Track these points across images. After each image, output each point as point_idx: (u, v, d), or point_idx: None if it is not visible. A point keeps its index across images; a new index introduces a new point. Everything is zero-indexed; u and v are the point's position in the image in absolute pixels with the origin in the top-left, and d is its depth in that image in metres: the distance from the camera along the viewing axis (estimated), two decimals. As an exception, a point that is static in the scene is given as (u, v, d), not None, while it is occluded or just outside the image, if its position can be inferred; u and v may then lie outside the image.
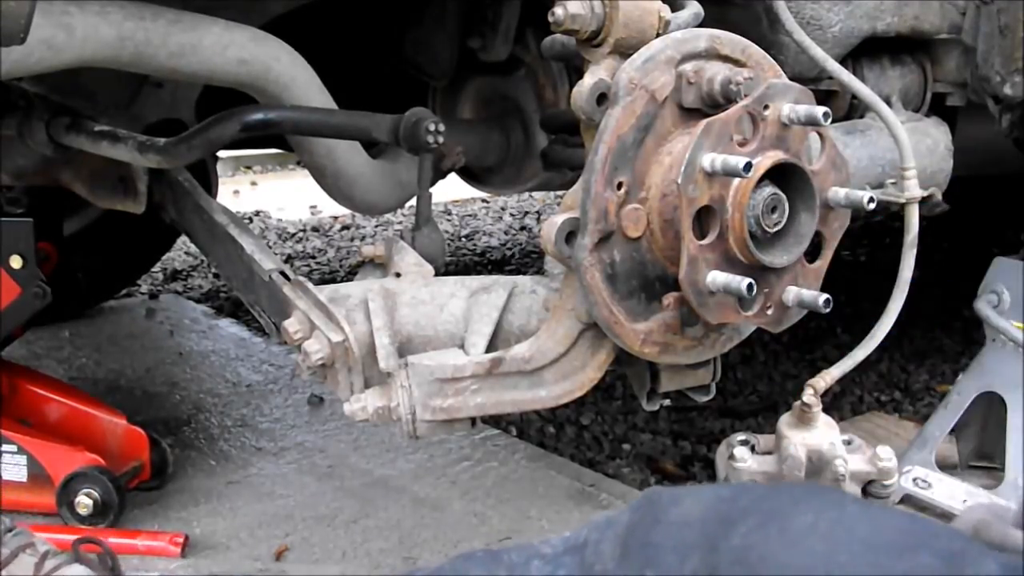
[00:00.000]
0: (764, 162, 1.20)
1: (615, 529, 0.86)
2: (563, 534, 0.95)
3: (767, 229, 1.22)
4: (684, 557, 0.78)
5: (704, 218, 1.21)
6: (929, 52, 1.83)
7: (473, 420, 1.30)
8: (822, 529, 0.74)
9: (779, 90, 1.22)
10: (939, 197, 1.69)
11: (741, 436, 1.41)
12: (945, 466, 1.93)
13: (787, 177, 1.23)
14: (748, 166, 1.15)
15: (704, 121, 1.19)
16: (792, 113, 1.21)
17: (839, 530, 0.74)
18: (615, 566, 0.83)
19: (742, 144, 1.20)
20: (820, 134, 1.26)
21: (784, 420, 1.37)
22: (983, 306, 1.89)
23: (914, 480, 1.90)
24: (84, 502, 1.76)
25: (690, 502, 0.83)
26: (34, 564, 1.24)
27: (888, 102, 1.72)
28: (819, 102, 1.24)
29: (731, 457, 1.37)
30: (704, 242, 1.20)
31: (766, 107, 1.21)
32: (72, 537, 1.38)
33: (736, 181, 1.19)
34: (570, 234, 1.22)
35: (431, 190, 1.54)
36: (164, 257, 3.28)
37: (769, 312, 1.26)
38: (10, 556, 1.24)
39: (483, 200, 5.03)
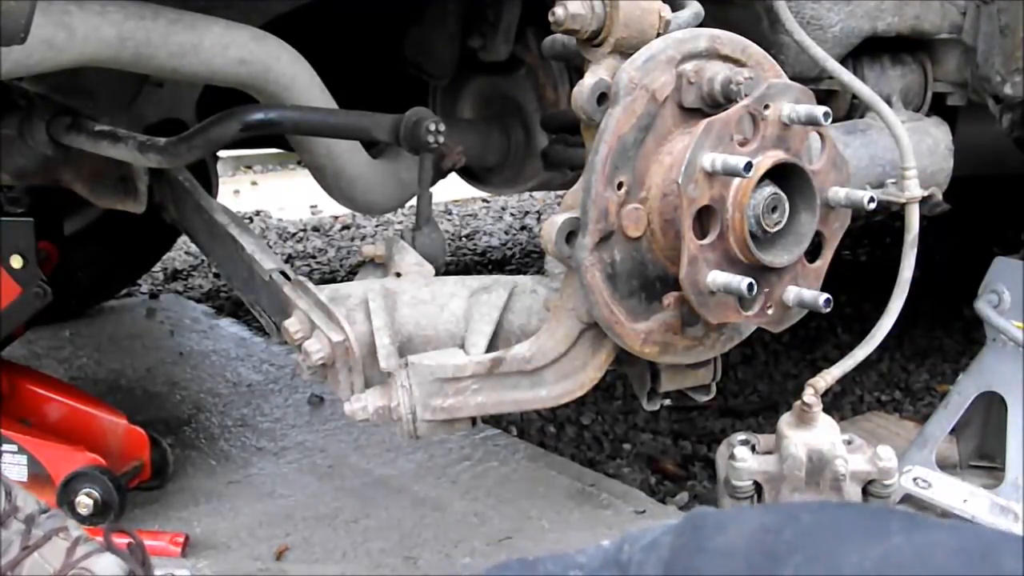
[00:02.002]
0: (764, 162, 1.20)
1: (659, 552, 0.85)
2: (600, 543, 0.94)
3: (767, 229, 1.22)
4: None
5: (704, 218, 1.21)
6: (929, 52, 1.83)
7: (473, 420, 1.30)
8: (869, 568, 0.74)
9: (779, 90, 1.22)
10: (939, 197, 1.69)
11: (741, 436, 1.41)
12: (945, 466, 1.93)
13: (787, 177, 1.23)
14: (748, 166, 1.15)
15: (704, 121, 1.19)
16: (792, 113, 1.21)
17: (886, 569, 0.73)
18: None
19: (742, 144, 1.20)
20: (820, 134, 1.26)
21: (784, 420, 1.37)
22: (983, 306, 1.89)
23: (914, 480, 1.90)
24: (84, 502, 1.76)
25: (734, 531, 0.83)
26: (66, 549, 1.23)
27: (888, 102, 1.72)
28: (819, 102, 1.24)
29: (731, 457, 1.37)
30: (704, 242, 1.20)
31: (766, 107, 1.21)
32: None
33: (736, 181, 1.19)
34: (570, 234, 1.22)
35: (431, 190, 1.54)
36: (164, 257, 3.28)
37: (769, 312, 1.26)
38: (43, 538, 1.22)
39: (483, 200, 5.03)
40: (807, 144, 1.26)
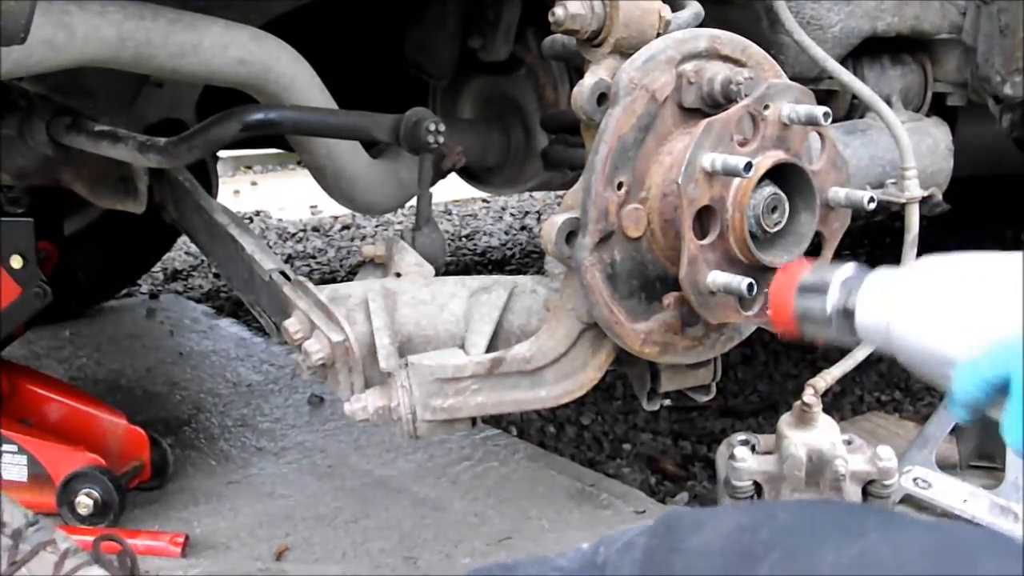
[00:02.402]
0: (764, 162, 1.20)
1: (633, 553, 0.85)
2: (578, 545, 0.94)
3: (767, 229, 1.22)
4: None
5: (704, 218, 1.21)
6: (929, 52, 1.83)
7: (473, 420, 1.30)
8: (846, 567, 0.73)
9: (779, 90, 1.22)
10: (939, 197, 1.69)
11: (741, 436, 1.41)
12: (945, 466, 1.93)
13: (787, 177, 1.23)
14: (748, 166, 1.15)
15: (704, 121, 1.19)
16: (792, 113, 1.21)
17: (864, 567, 0.73)
18: None
19: (742, 144, 1.20)
20: (820, 134, 1.26)
21: (785, 420, 1.37)
22: (983, 306, 1.88)
23: (914, 480, 1.90)
24: (84, 502, 1.76)
25: (710, 530, 0.82)
26: (53, 564, 1.22)
27: (888, 102, 1.72)
28: (819, 102, 1.24)
29: (731, 457, 1.37)
30: (705, 242, 1.20)
31: (766, 107, 1.21)
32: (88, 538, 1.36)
33: (736, 181, 1.19)
34: (571, 234, 1.22)
35: (431, 190, 1.54)
36: (164, 257, 3.28)
37: (769, 312, 1.26)
38: (30, 554, 1.21)
39: (483, 200, 5.03)
40: (807, 144, 1.26)
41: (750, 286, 1.16)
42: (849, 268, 0.93)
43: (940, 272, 0.84)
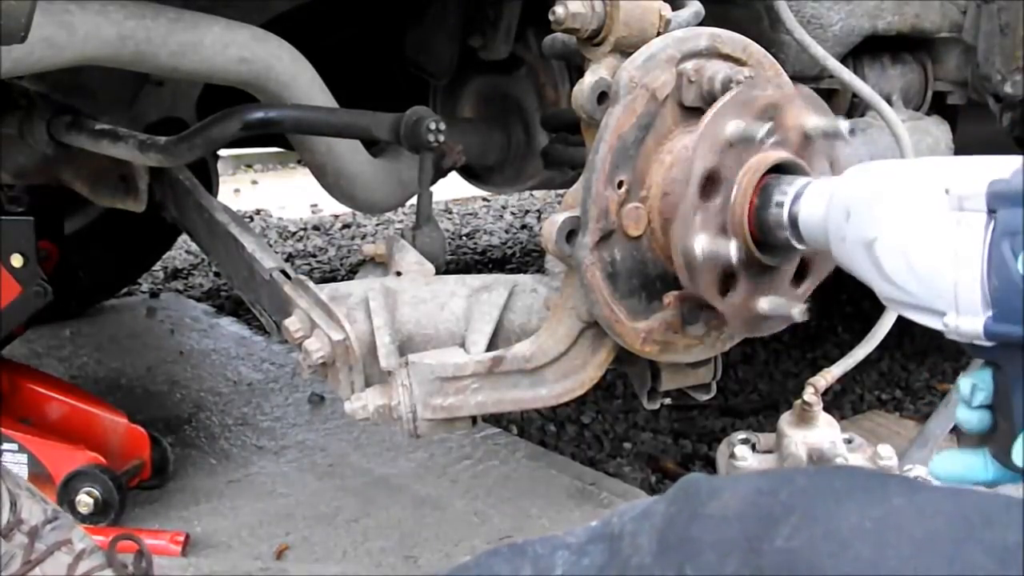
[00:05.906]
0: (765, 160, 1.20)
1: (652, 521, 0.84)
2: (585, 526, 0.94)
3: (768, 228, 1.21)
4: (724, 555, 0.77)
5: (705, 217, 1.21)
6: (930, 51, 1.83)
7: (474, 419, 1.30)
8: (868, 529, 0.72)
9: (780, 89, 1.22)
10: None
11: (742, 435, 1.41)
12: (946, 465, 1.93)
13: (787, 175, 1.23)
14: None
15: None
16: (793, 112, 1.21)
17: (885, 530, 0.72)
18: (652, 560, 0.81)
19: (743, 143, 1.20)
20: (821, 133, 1.26)
21: (785, 419, 1.37)
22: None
23: (915, 479, 1.90)
24: (85, 501, 1.76)
25: (729, 495, 0.81)
26: (67, 565, 1.20)
27: (889, 101, 1.72)
28: (820, 101, 1.24)
29: (732, 456, 1.37)
30: (705, 241, 1.20)
31: (767, 106, 1.20)
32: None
33: (737, 184, 1.19)
34: (571, 233, 1.22)
35: (432, 189, 1.54)
36: (165, 256, 3.28)
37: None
38: (44, 553, 1.20)
39: (484, 199, 5.04)
40: (807, 143, 1.26)
41: (750, 285, 1.16)
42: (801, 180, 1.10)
43: (866, 174, 0.98)
